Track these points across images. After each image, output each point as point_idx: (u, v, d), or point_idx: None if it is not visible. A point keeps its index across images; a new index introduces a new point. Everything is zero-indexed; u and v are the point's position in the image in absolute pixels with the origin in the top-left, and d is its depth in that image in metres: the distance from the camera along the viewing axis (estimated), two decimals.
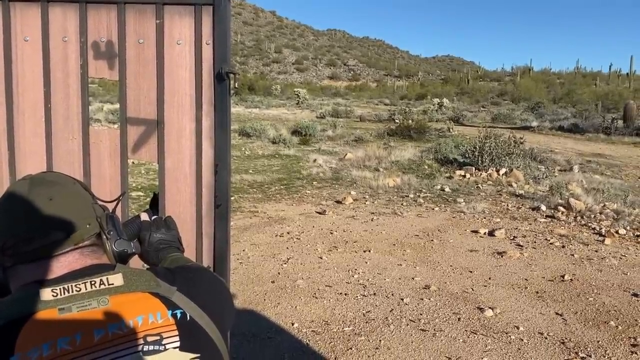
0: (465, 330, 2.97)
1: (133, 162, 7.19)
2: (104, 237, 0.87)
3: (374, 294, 3.48)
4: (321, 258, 4.15)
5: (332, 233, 4.88)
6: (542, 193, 6.71)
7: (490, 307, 3.26)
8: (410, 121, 14.73)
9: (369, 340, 2.82)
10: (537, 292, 3.55)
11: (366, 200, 6.31)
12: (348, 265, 3.99)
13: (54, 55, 1.47)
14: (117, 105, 18.95)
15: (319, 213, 5.60)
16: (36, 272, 0.79)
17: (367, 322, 3.05)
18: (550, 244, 4.62)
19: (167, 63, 1.47)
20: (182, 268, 0.92)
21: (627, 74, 47.04)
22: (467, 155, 8.34)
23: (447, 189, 7.01)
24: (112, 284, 0.77)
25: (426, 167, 8.76)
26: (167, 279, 0.83)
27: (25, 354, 0.68)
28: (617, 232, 5.02)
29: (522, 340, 2.87)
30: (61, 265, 0.80)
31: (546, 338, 2.90)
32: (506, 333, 2.95)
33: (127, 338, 0.73)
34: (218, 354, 0.82)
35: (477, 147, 8.14)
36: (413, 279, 3.76)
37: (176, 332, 0.77)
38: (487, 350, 2.75)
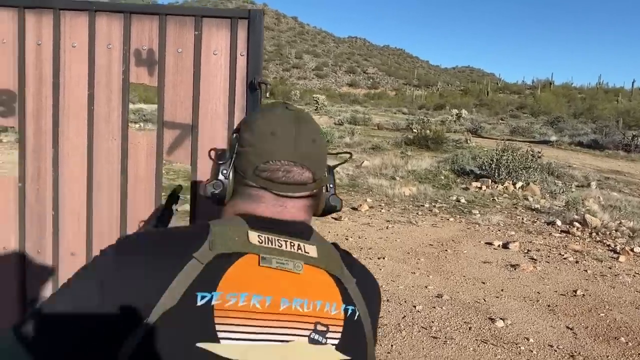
0: (476, 340, 3.02)
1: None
2: (324, 189, 0.90)
3: (387, 300, 3.54)
4: None
5: (347, 239, 4.96)
6: (558, 208, 6.71)
7: (501, 318, 3.31)
8: (428, 131, 14.75)
9: (381, 345, 2.89)
10: (549, 306, 3.59)
11: (382, 208, 6.38)
12: None
13: (99, 61, 1.58)
14: (139, 106, 19.10)
15: (335, 219, 5.68)
16: (270, 206, 0.82)
17: (379, 327, 3.12)
18: (564, 258, 4.65)
19: (203, 72, 1.56)
20: (352, 256, 0.91)
21: None
22: (483, 167, 8.37)
23: (462, 200, 7.05)
24: (308, 253, 0.80)
25: (442, 177, 8.80)
26: (346, 263, 0.84)
27: (225, 295, 0.72)
28: (632, 250, 5.02)
29: (532, 351, 2.92)
30: (292, 207, 0.83)
31: (556, 351, 2.94)
32: (516, 344, 2.99)
33: (304, 319, 0.76)
34: (364, 358, 0.82)
35: (494, 159, 8.16)
36: (426, 287, 3.82)
37: (341, 329, 0.78)
38: (497, 359, 2.80)
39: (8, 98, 1.60)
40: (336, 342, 0.77)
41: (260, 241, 0.78)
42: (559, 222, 5.87)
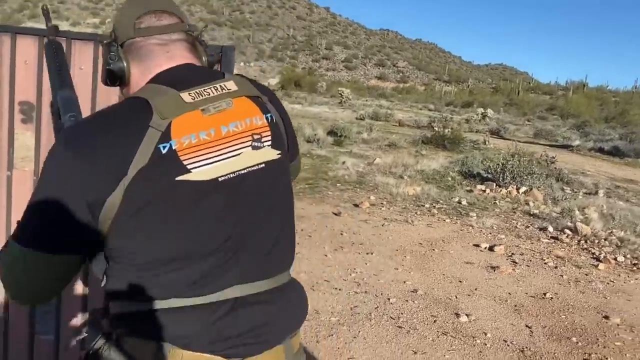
0: (437, 331, 3.35)
1: None
2: (199, 45, 1.07)
3: (365, 292, 3.89)
4: (326, 256, 4.59)
5: (342, 234, 5.30)
6: (555, 214, 6.92)
7: (466, 314, 3.63)
8: (446, 130, 14.90)
9: (349, 330, 3.25)
10: (516, 306, 3.88)
11: (383, 206, 6.69)
12: (349, 265, 4.42)
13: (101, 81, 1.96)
14: None
15: (335, 214, 6.03)
16: (162, 55, 0.99)
17: (352, 315, 3.47)
18: (545, 263, 4.91)
19: None
20: (256, 81, 1.11)
21: None
22: (489, 171, 8.58)
23: (463, 202, 7.31)
24: (230, 89, 0.99)
25: (450, 179, 9.04)
26: (258, 87, 1.07)
27: (180, 139, 0.90)
28: (615, 259, 5.24)
29: (486, 344, 3.23)
30: (177, 53, 1.01)
31: (508, 345, 3.25)
32: (473, 337, 3.31)
33: (242, 135, 0.97)
34: (286, 154, 1.07)
35: (500, 163, 8.37)
36: (404, 282, 4.15)
37: (269, 133, 1.01)
38: (452, 349, 3.13)
39: (28, 108, 1.99)
40: (270, 143, 1.00)
41: (193, 97, 0.94)
42: (550, 228, 6.10)
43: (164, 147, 0.89)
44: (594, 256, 5.28)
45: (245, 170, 0.96)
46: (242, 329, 0.94)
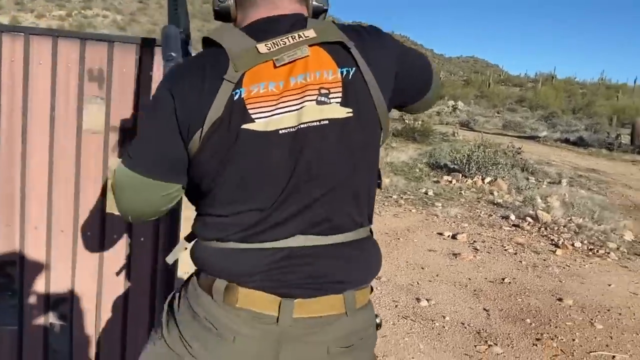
0: (398, 315, 3.48)
1: None
2: None
3: None
4: None
5: None
6: (518, 203, 7.14)
7: (427, 299, 3.77)
8: (415, 123, 15.11)
9: None
10: (475, 290, 4.04)
11: None
12: None
13: (59, 76, 2.00)
14: None
15: None
16: (264, 6, 1.03)
17: None
18: (505, 250, 5.09)
19: (142, 87, 1.99)
20: (353, 26, 1.07)
21: None
22: (455, 162, 8.78)
23: (430, 193, 7.47)
24: (308, 37, 0.98)
25: (418, 170, 9.22)
26: (346, 31, 1.02)
27: (249, 87, 0.95)
28: (572, 244, 5.46)
29: (444, 327, 3.37)
30: (282, 4, 1.04)
31: (465, 327, 3.40)
32: (432, 320, 3.45)
33: (310, 88, 0.96)
34: (372, 111, 1.00)
35: (466, 155, 8.57)
36: None
37: (340, 89, 0.97)
38: (410, 332, 3.26)
39: None
40: (339, 100, 0.97)
41: (269, 48, 0.97)
42: (512, 217, 6.31)
43: (236, 94, 0.95)
44: (553, 242, 5.49)
45: (305, 125, 0.96)
46: (298, 274, 0.99)
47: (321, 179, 0.98)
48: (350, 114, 0.98)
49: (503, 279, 4.30)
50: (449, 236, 5.41)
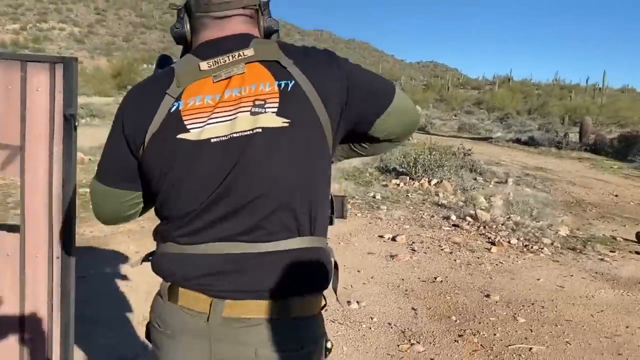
0: (327, 319, 3.49)
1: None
2: (260, 13, 1.15)
3: None
4: None
5: None
6: (461, 204, 7.31)
7: (357, 302, 3.82)
8: None
9: None
10: (406, 291, 4.12)
11: None
12: None
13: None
14: (86, 100, 18.83)
15: None
16: (213, 29, 1.10)
17: None
18: (442, 249, 5.21)
19: (28, 104, 1.98)
20: (295, 45, 1.13)
21: (600, 88, 48.08)
22: (403, 166, 8.93)
23: (377, 197, 7.58)
24: (246, 55, 1.05)
25: (368, 174, 9.34)
26: (286, 50, 1.07)
27: (187, 100, 1.03)
28: (509, 241, 5.63)
29: (370, 328, 3.43)
30: (230, 26, 1.10)
31: (392, 327, 3.47)
32: (360, 322, 3.51)
33: (244, 100, 1.01)
34: (314, 123, 1.03)
35: (413, 158, 8.73)
36: None
37: (277, 99, 1.01)
38: (337, 335, 3.31)
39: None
40: (275, 109, 1.01)
41: (209, 65, 1.05)
42: (453, 217, 6.46)
43: (173, 106, 1.04)
44: (489, 240, 5.65)
45: (237, 134, 1.00)
46: (230, 279, 1.04)
47: (251, 185, 1.01)
48: (287, 124, 1.01)
49: (435, 278, 4.41)
50: (389, 238, 5.50)
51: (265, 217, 1.02)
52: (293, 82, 1.03)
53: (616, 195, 9.38)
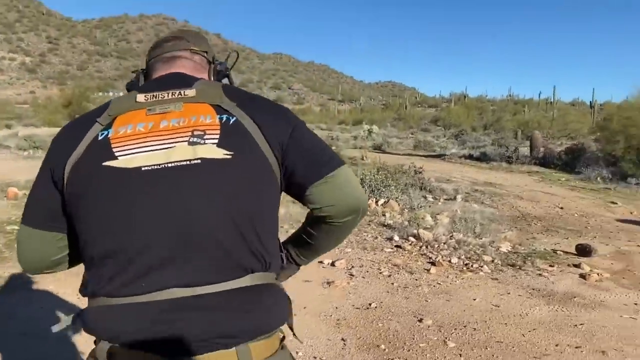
0: None
1: None
2: (211, 61, 1.21)
3: None
4: None
5: None
6: (406, 223, 7.26)
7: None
8: None
9: None
10: (338, 320, 3.98)
11: None
12: None
13: None
14: (34, 131, 18.28)
15: None
16: (160, 70, 1.14)
17: None
18: (380, 273, 5.11)
19: None
20: (258, 95, 1.13)
21: (551, 102, 49.76)
22: None
23: None
24: (187, 95, 1.03)
25: None
26: (229, 94, 1.05)
27: (117, 128, 0.98)
28: (449, 261, 5.57)
29: None
30: (175, 65, 1.14)
31: None
32: None
33: (182, 130, 0.97)
34: (258, 157, 0.99)
35: (360, 179, 8.68)
36: None
37: (218, 132, 0.97)
38: None
39: None
40: (215, 141, 0.96)
41: (146, 99, 1.02)
42: (396, 237, 6.39)
43: (102, 134, 0.98)
44: (430, 261, 5.58)
45: (172, 164, 0.93)
46: (175, 331, 0.89)
47: (190, 222, 0.91)
48: (229, 156, 0.95)
49: (370, 304, 4.28)
50: (328, 264, 5.36)
51: (210, 257, 0.93)
52: (235, 118, 0.99)
53: (561, 208, 9.53)
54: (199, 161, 0.93)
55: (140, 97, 1.02)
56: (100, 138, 0.97)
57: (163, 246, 0.91)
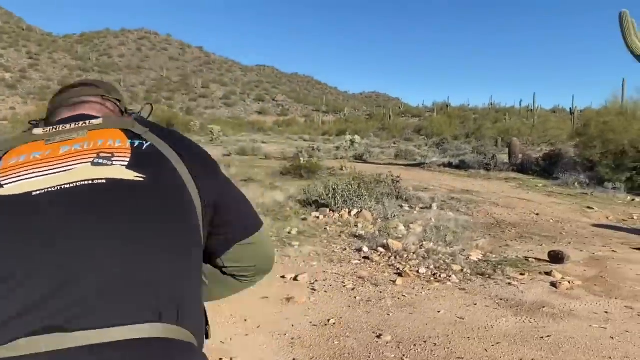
0: None
1: None
2: (123, 110, 1.09)
3: None
4: None
5: None
6: (377, 234, 7.07)
7: (231, 358, 3.42)
8: (301, 160, 15.09)
9: None
10: (293, 339, 3.75)
11: None
12: None
13: None
14: None
15: None
16: (64, 113, 1.02)
17: None
18: (344, 286, 4.89)
19: None
20: (156, 124, 1.00)
21: (532, 110, 50.18)
22: (322, 198, 8.67)
23: (294, 232, 7.24)
24: (92, 123, 0.92)
25: (288, 209, 9.01)
26: (145, 122, 0.95)
27: (7, 160, 0.84)
28: (417, 271, 5.38)
29: None
30: (81, 108, 1.03)
31: None
32: None
33: (85, 153, 0.84)
34: (177, 183, 0.85)
35: (331, 189, 8.49)
36: None
37: (128, 155, 0.85)
38: None
39: None
40: (125, 163, 0.83)
41: (45, 131, 0.90)
42: (365, 248, 6.19)
43: None
44: (398, 271, 5.38)
45: (71, 185, 0.78)
46: None
47: (99, 254, 0.74)
48: (141, 178, 0.81)
49: (328, 321, 4.06)
50: (291, 278, 5.14)
51: (119, 294, 0.73)
52: (149, 143, 0.88)
53: (537, 214, 9.42)
54: (103, 181, 0.79)
55: (38, 131, 0.91)
56: None
57: (41, 282, 0.72)
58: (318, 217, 8.22)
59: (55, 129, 0.90)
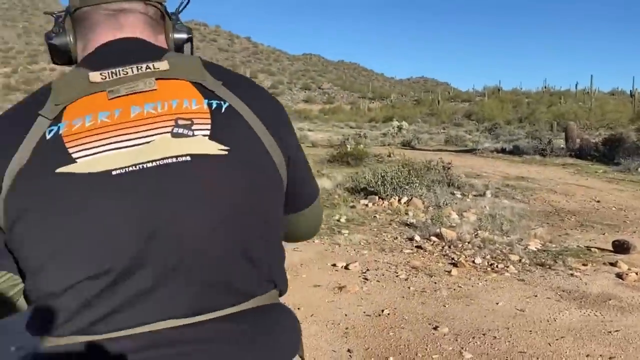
0: None
1: None
2: (167, 19, 0.89)
3: None
4: None
5: None
6: (429, 222, 6.91)
7: None
8: (348, 147, 14.98)
9: None
10: (347, 329, 3.70)
11: None
12: None
13: None
14: None
15: None
16: (107, 27, 0.82)
17: None
18: (397, 276, 4.80)
19: None
20: (223, 67, 0.87)
21: (588, 92, 48.05)
22: (371, 185, 8.56)
23: (342, 220, 7.19)
24: (158, 69, 0.78)
25: (337, 196, 8.95)
26: (211, 70, 0.81)
27: (71, 122, 0.73)
28: (473, 261, 5.22)
29: None
30: (128, 24, 0.83)
31: None
32: None
33: (161, 118, 0.74)
34: (261, 152, 0.78)
35: (380, 176, 8.36)
36: None
37: (209, 121, 0.75)
38: None
39: None
40: (207, 132, 0.74)
41: (104, 77, 0.76)
42: (417, 237, 6.06)
43: (50, 131, 0.72)
44: (452, 261, 5.24)
45: (154, 163, 0.71)
46: None
47: (180, 236, 0.71)
48: (225, 152, 0.74)
49: (382, 311, 3.98)
50: (342, 267, 5.09)
51: (206, 279, 0.73)
52: (227, 103, 0.77)
53: (598, 201, 8.98)
54: (188, 158, 0.72)
55: (96, 77, 0.76)
56: (49, 137, 0.72)
57: (145, 270, 0.70)
58: (367, 205, 8.12)
59: (115, 74, 0.77)
